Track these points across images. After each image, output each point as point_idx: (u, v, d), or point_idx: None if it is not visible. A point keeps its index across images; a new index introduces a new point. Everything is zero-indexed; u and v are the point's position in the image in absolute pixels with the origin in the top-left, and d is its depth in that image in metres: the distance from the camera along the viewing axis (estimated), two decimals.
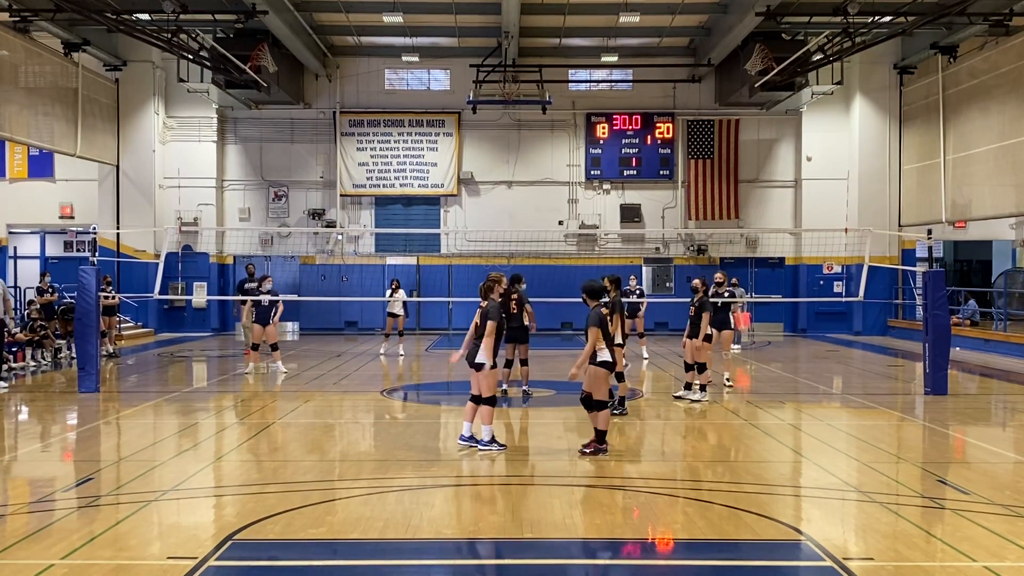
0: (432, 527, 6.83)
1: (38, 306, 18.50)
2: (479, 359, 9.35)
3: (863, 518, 7.12)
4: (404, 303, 19.99)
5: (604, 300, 9.63)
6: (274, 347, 16.64)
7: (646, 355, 19.07)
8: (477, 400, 9.53)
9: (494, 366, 9.41)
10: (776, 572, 6.02)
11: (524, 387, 13.61)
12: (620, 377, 11.98)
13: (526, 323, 13.57)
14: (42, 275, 20.26)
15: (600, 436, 9.13)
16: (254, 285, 18.38)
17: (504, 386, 13.79)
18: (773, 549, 6.36)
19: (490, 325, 9.29)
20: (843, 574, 5.71)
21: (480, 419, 9.53)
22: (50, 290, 18.99)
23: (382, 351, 20.03)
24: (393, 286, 20.03)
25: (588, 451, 9.08)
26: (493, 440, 9.48)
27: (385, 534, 6.55)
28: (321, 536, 6.48)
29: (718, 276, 15.11)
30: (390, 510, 7.24)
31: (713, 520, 6.90)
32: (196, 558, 5.92)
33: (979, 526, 6.71)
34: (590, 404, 9.21)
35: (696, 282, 13.48)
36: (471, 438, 9.54)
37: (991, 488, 7.93)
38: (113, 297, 18.75)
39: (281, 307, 16.78)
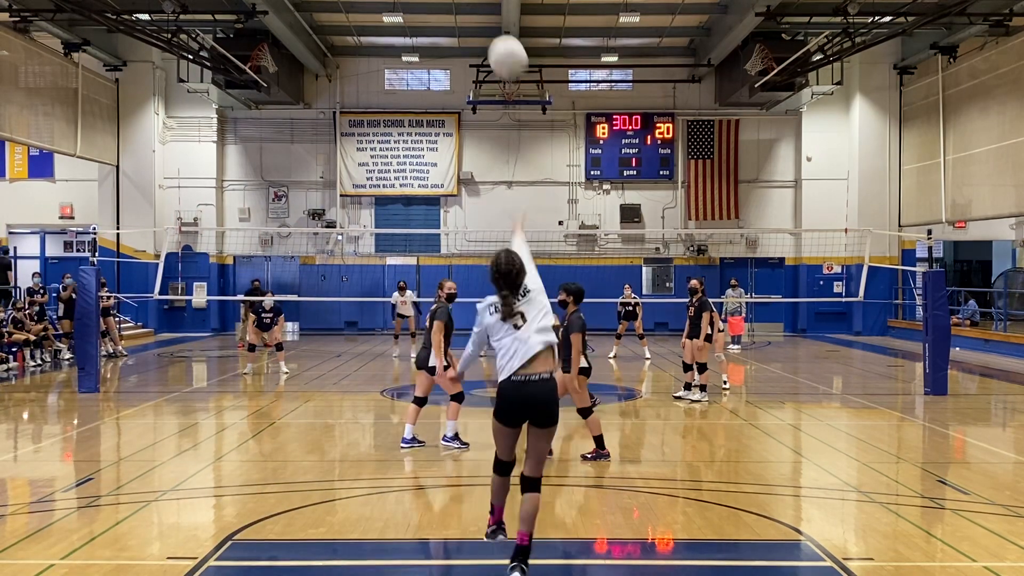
0: (432, 527, 6.83)
1: (37, 307, 18.51)
2: (431, 362, 9.36)
3: (863, 518, 7.12)
4: (413, 303, 19.85)
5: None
6: (279, 347, 16.67)
7: (648, 355, 19.08)
8: (421, 402, 9.62)
9: (447, 366, 9.36)
10: (776, 572, 6.02)
11: None
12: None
13: None
14: (33, 276, 20.30)
15: (599, 442, 9.10)
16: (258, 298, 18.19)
17: None
18: (773, 549, 6.36)
19: (436, 324, 9.32)
20: (843, 574, 5.71)
21: (447, 415, 9.67)
22: (41, 291, 19.00)
23: (395, 354, 19.87)
24: (400, 286, 19.92)
25: (590, 457, 9.06)
26: (456, 436, 9.58)
27: (385, 534, 6.55)
28: (321, 536, 6.48)
29: (693, 282, 13.57)
30: (390, 510, 7.24)
31: (713, 520, 6.90)
32: (196, 558, 5.92)
33: (979, 526, 6.70)
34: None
35: (694, 282, 13.47)
36: (413, 440, 9.62)
37: (991, 488, 7.93)
38: (109, 298, 18.77)
39: (282, 320, 17.15)
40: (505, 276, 5.30)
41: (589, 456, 9.03)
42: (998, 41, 21.60)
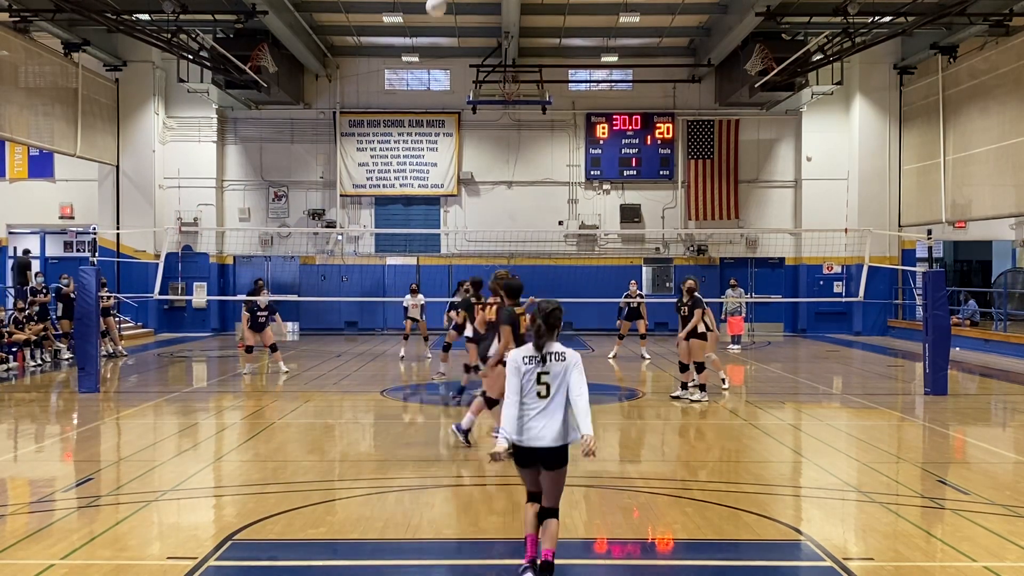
0: (432, 527, 6.83)
1: (37, 307, 18.50)
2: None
3: (863, 518, 7.12)
4: (422, 307, 19.63)
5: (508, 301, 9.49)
6: (273, 348, 16.63)
7: (647, 355, 19.06)
8: (491, 403, 9.66)
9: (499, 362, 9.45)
10: (776, 572, 6.02)
11: None
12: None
13: None
14: (36, 275, 20.27)
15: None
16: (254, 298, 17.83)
17: None
18: (773, 549, 6.36)
19: (505, 330, 9.19)
20: (843, 574, 5.71)
21: (470, 408, 9.80)
22: (44, 291, 19.00)
23: (402, 355, 19.72)
24: (412, 288, 19.79)
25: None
26: (467, 433, 9.64)
27: (385, 534, 6.55)
28: (321, 536, 6.48)
29: (689, 282, 13.49)
30: (390, 510, 7.24)
31: (713, 520, 6.90)
32: (196, 558, 5.92)
33: (979, 526, 6.71)
34: (492, 402, 9.46)
35: (690, 283, 13.48)
36: (467, 432, 9.70)
37: (991, 488, 7.94)
38: (109, 298, 18.77)
39: (278, 319, 17.07)
40: (545, 315, 5.51)
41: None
42: (998, 41, 21.60)
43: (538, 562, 5.48)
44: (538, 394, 5.45)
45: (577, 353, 5.53)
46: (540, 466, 5.49)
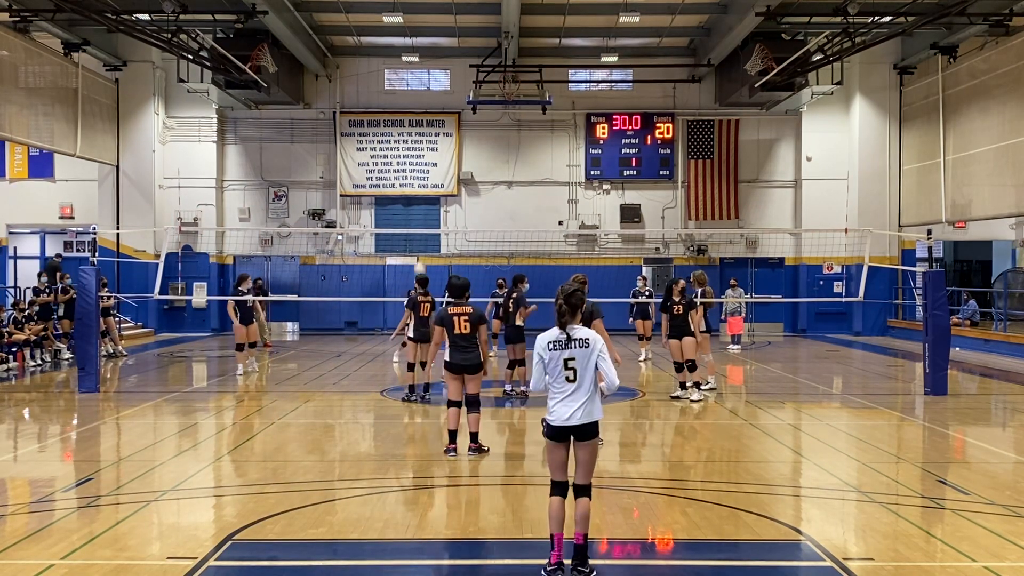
0: (432, 527, 6.84)
1: (38, 307, 18.50)
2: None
3: (863, 518, 7.12)
4: None
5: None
6: (252, 344, 16.35)
7: (645, 356, 19.02)
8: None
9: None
10: (776, 572, 6.02)
11: (522, 387, 13.60)
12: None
13: (519, 323, 13.84)
14: (39, 275, 20.26)
15: (452, 436, 9.31)
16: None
17: (508, 387, 13.79)
18: (773, 549, 6.36)
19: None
20: (843, 574, 5.72)
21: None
22: (46, 290, 19.00)
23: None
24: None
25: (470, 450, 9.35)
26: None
27: (385, 534, 6.55)
28: (321, 536, 6.48)
29: (682, 283, 13.50)
30: (390, 510, 7.25)
31: (713, 520, 6.90)
32: (196, 558, 5.93)
33: (979, 526, 6.71)
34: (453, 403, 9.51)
35: (682, 282, 13.47)
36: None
37: (991, 488, 7.94)
38: (109, 298, 18.75)
39: (259, 307, 16.81)
40: (567, 296, 5.76)
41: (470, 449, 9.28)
42: (998, 41, 21.60)
43: (564, 562, 5.55)
44: (567, 379, 5.71)
45: (600, 337, 5.78)
46: (571, 438, 5.71)
